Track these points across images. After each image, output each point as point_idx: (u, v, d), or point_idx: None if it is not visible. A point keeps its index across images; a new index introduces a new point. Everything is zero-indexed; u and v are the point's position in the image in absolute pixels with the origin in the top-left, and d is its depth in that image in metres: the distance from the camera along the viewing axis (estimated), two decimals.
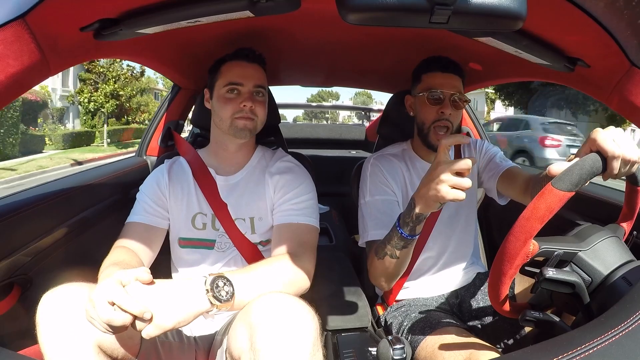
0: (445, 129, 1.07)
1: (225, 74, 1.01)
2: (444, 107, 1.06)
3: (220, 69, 1.03)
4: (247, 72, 1.01)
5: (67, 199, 1.11)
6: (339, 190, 1.88)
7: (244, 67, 1.02)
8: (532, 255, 0.63)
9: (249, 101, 0.99)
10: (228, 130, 1.00)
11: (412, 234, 0.87)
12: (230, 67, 1.02)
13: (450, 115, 1.06)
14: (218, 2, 0.71)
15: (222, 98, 1.00)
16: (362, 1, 0.52)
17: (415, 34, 1.08)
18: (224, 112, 0.99)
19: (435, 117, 1.07)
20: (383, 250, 0.95)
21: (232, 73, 1.01)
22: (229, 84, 1.00)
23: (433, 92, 1.07)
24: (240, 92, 1.00)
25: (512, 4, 0.53)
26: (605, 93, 0.82)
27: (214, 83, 1.04)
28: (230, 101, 0.99)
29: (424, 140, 1.11)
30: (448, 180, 0.73)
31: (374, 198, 1.09)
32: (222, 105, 1.00)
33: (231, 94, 1.00)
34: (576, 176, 0.57)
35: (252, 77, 1.01)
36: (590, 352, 0.47)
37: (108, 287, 0.61)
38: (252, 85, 1.00)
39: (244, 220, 1.03)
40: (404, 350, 0.83)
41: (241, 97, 0.99)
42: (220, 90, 1.01)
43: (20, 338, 0.87)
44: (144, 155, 1.63)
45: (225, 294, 0.69)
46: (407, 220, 0.86)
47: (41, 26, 0.63)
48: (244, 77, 1.00)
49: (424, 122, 1.10)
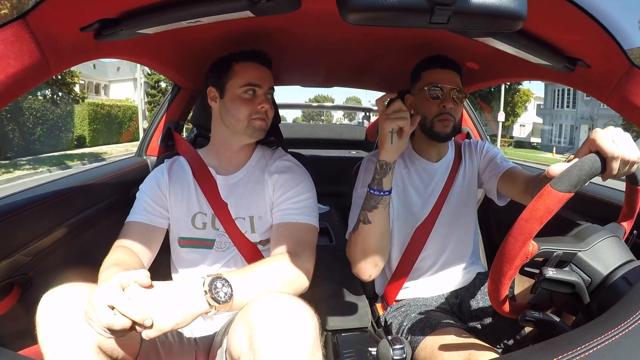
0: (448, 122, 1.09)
1: (241, 74, 1.01)
2: (445, 101, 1.08)
3: (234, 68, 1.02)
4: (263, 75, 1.03)
5: (67, 199, 1.11)
6: (339, 190, 1.88)
7: (260, 69, 1.03)
8: (531, 255, 0.63)
9: (266, 103, 1.01)
10: (244, 130, 1.01)
11: (380, 189, 0.95)
12: (246, 68, 1.02)
13: (452, 109, 1.08)
14: (218, 2, 0.71)
15: (238, 98, 1.00)
16: (363, 1, 0.52)
17: (416, 34, 1.08)
18: (240, 113, 1.00)
19: (437, 112, 1.08)
20: (358, 220, 1.00)
21: (249, 74, 1.01)
22: (247, 85, 1.00)
23: (434, 87, 1.08)
24: (257, 93, 1.01)
25: (512, 4, 0.53)
26: (605, 93, 0.82)
27: (225, 82, 1.03)
28: (248, 102, 1.00)
29: (429, 133, 1.12)
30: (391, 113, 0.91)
31: (364, 189, 1.10)
32: (238, 105, 1.00)
33: (248, 95, 1.00)
34: (575, 177, 0.57)
35: (267, 80, 1.03)
36: (590, 352, 0.47)
37: (108, 291, 0.61)
38: (267, 87, 1.03)
39: (243, 219, 1.03)
40: (403, 350, 0.83)
41: (258, 98, 1.01)
42: (237, 91, 1.01)
43: (20, 338, 0.87)
44: (144, 155, 1.63)
45: (223, 295, 0.69)
46: (375, 177, 0.95)
47: (41, 26, 0.63)
48: (261, 79, 1.02)
49: (426, 117, 1.11)
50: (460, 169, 1.21)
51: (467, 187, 1.21)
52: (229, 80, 1.02)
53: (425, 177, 1.18)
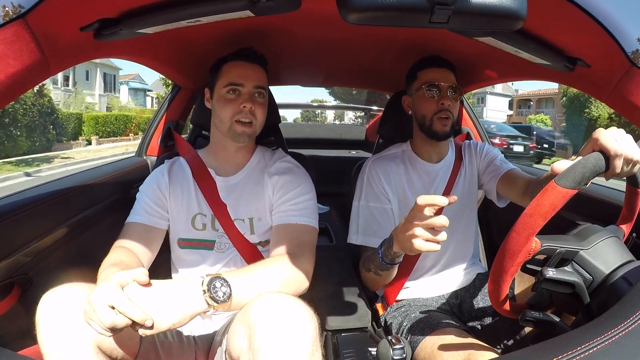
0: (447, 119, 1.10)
1: (225, 74, 1.01)
2: (443, 98, 1.09)
3: (221, 68, 1.03)
4: (247, 73, 1.01)
5: (67, 199, 1.11)
6: (339, 190, 1.88)
7: (245, 67, 1.02)
8: (534, 252, 0.63)
9: (249, 102, 0.98)
10: (227, 132, 1.00)
11: (392, 263, 0.93)
12: (230, 67, 1.02)
13: (449, 106, 1.09)
14: (218, 2, 0.71)
15: (222, 98, 1.00)
16: (363, 1, 0.52)
17: (415, 34, 1.08)
18: (223, 113, 0.99)
19: (436, 109, 1.10)
20: (368, 266, 1.02)
21: (232, 73, 1.00)
22: (229, 84, 0.99)
23: (431, 86, 1.10)
24: (240, 92, 1.00)
25: (512, 4, 0.53)
26: (605, 93, 0.83)
27: (214, 83, 1.03)
28: (230, 102, 0.99)
29: (428, 132, 1.12)
30: (422, 236, 0.74)
31: (368, 204, 1.13)
32: (221, 105, 1.00)
33: (231, 95, 0.99)
34: (579, 174, 0.57)
35: (252, 78, 1.01)
36: (590, 352, 0.47)
37: (108, 291, 0.61)
38: (252, 86, 1.00)
39: (243, 220, 1.03)
40: (403, 351, 0.83)
41: (241, 97, 0.99)
42: (221, 91, 1.00)
43: (20, 338, 0.87)
44: (144, 155, 1.63)
45: (222, 295, 0.69)
46: (386, 253, 0.91)
47: (41, 26, 0.63)
48: (244, 78, 1.00)
49: (424, 116, 1.11)
50: (461, 170, 1.21)
51: (468, 188, 1.21)
52: (217, 80, 1.02)
53: (427, 179, 1.18)
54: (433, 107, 1.09)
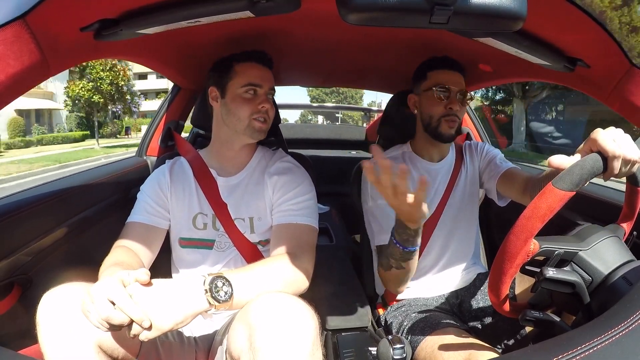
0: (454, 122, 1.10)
1: (241, 74, 1.02)
2: (452, 102, 1.09)
3: (235, 68, 1.03)
4: (264, 75, 1.04)
5: (67, 198, 1.11)
6: (339, 190, 1.88)
7: (260, 69, 1.04)
8: (532, 254, 0.63)
9: (267, 103, 1.01)
10: (244, 130, 1.01)
11: (414, 245, 0.90)
12: (246, 67, 1.03)
13: (457, 110, 1.09)
14: (218, 2, 0.71)
15: (239, 97, 1.01)
16: (362, 1, 0.52)
17: (415, 35, 1.08)
18: (242, 112, 1.00)
19: (444, 112, 1.09)
20: (387, 264, 0.97)
21: (250, 74, 1.02)
22: (248, 84, 1.01)
23: (441, 88, 1.09)
24: (257, 93, 1.02)
25: (512, 4, 0.53)
26: (605, 93, 0.82)
27: (226, 81, 1.03)
28: (248, 101, 1.00)
29: (433, 133, 1.12)
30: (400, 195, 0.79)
31: (377, 203, 1.12)
32: (239, 104, 1.01)
33: (249, 95, 1.01)
34: (577, 176, 0.57)
35: (268, 80, 1.04)
36: (590, 352, 0.47)
37: (110, 286, 0.61)
38: (268, 87, 1.03)
39: (243, 220, 1.03)
40: (404, 350, 0.83)
41: (259, 98, 1.01)
42: (238, 90, 1.01)
43: (20, 338, 0.87)
44: (144, 155, 1.63)
45: (224, 294, 0.69)
46: (404, 237, 0.89)
47: (41, 26, 0.63)
48: (262, 79, 1.02)
49: (431, 116, 1.11)
50: (462, 170, 1.21)
51: (469, 188, 1.21)
52: (230, 80, 1.02)
53: (428, 178, 1.18)
54: (441, 110, 1.09)
